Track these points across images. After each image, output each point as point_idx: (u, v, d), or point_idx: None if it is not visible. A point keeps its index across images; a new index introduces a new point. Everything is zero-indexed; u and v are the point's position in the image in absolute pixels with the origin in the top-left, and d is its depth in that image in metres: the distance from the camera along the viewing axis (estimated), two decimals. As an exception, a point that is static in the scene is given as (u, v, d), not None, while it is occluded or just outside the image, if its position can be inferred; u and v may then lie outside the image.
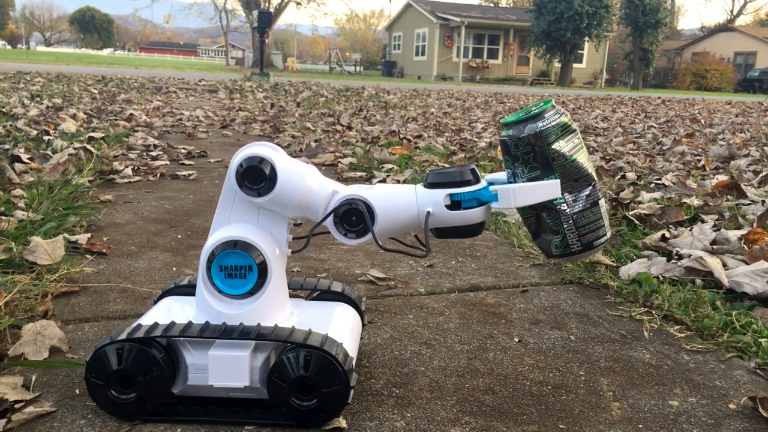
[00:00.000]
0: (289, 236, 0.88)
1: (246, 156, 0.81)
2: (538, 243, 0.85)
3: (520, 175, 0.81)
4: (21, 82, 7.81)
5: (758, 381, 1.01)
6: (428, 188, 0.84)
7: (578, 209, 0.81)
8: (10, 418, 0.81)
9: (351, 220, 0.83)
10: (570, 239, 0.81)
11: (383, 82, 17.82)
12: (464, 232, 0.84)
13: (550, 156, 0.78)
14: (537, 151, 0.78)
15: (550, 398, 0.93)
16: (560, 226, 0.81)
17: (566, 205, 0.80)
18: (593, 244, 0.82)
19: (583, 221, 0.81)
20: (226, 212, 0.86)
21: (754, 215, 1.87)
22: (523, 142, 0.79)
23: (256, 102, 7.02)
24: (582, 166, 0.80)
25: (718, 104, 11.32)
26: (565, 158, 0.79)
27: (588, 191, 0.81)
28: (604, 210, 0.83)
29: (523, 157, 0.80)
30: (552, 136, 0.78)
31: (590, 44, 25.88)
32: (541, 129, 0.78)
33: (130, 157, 2.95)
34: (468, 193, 0.82)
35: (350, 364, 0.81)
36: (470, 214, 0.83)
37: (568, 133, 0.79)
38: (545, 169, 0.79)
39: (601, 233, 0.83)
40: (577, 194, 0.80)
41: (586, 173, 0.80)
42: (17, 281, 1.22)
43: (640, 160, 3.24)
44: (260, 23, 14.00)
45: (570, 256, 0.83)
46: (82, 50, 54.62)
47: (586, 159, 0.81)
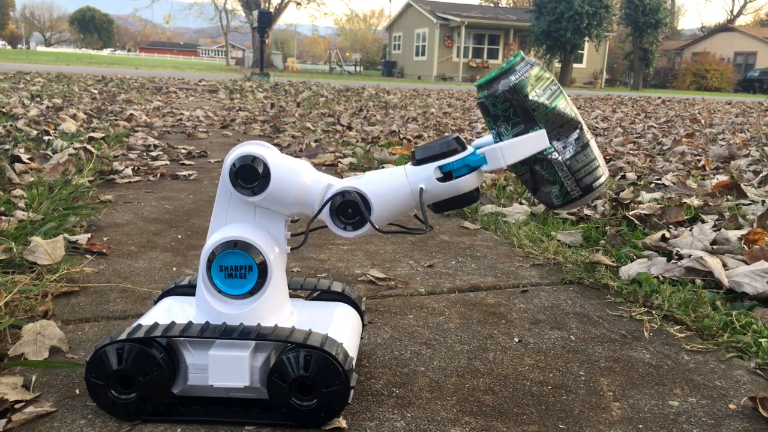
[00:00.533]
0: (287, 233, 0.88)
1: (238, 155, 0.81)
2: (538, 197, 0.84)
3: (505, 134, 0.80)
4: (21, 82, 7.81)
5: (758, 381, 1.01)
6: (417, 165, 0.83)
7: (570, 155, 0.80)
8: (10, 418, 0.81)
9: (347, 212, 0.83)
10: (568, 186, 0.80)
11: (383, 82, 17.82)
12: (461, 202, 0.84)
13: (530, 107, 0.77)
14: (516, 105, 0.77)
15: (550, 398, 0.93)
16: (556, 176, 0.80)
17: (557, 153, 0.79)
18: (592, 186, 0.81)
19: (577, 166, 0.80)
20: (223, 213, 0.86)
21: (754, 215, 1.87)
22: (500, 100, 0.78)
23: (256, 102, 7.02)
24: (564, 112, 0.79)
25: (718, 104, 11.32)
26: (546, 107, 0.78)
27: (576, 135, 0.80)
28: (597, 150, 0.82)
29: (504, 115, 0.79)
30: (527, 88, 0.77)
31: (590, 44, 25.88)
32: (515, 83, 0.77)
33: (130, 157, 2.95)
34: (457, 162, 0.82)
35: (350, 364, 0.81)
36: (463, 182, 0.82)
37: (543, 81, 0.78)
38: (528, 122, 0.78)
39: (598, 174, 0.82)
40: (565, 140, 0.79)
41: (570, 117, 0.79)
42: (17, 281, 1.22)
43: (640, 160, 3.24)
44: (260, 23, 14.00)
45: (572, 202, 0.81)
46: (82, 50, 54.63)
47: (568, 103, 0.80)
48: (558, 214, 1.98)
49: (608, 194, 2.21)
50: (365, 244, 1.73)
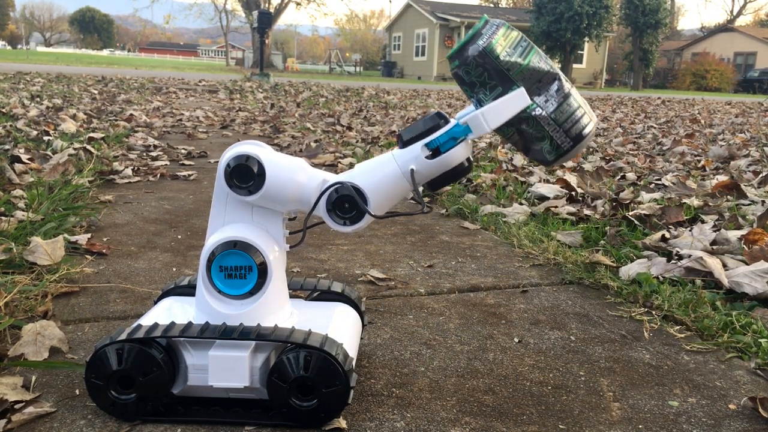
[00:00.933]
0: (285, 231, 0.88)
1: (233, 155, 0.81)
2: (531, 156, 0.83)
3: (485, 99, 0.79)
4: (21, 82, 7.81)
5: (758, 381, 1.01)
6: (404, 147, 0.83)
7: (553, 108, 0.79)
8: (10, 419, 0.80)
9: (344, 207, 0.83)
10: (558, 139, 0.80)
11: (383, 82, 17.82)
12: (454, 175, 0.83)
13: (504, 68, 0.77)
14: (489, 68, 0.77)
15: (550, 398, 0.93)
16: (544, 131, 0.79)
17: (540, 109, 0.79)
18: (582, 134, 0.80)
19: (562, 117, 0.79)
20: (221, 214, 0.86)
21: (754, 215, 1.87)
22: (472, 66, 0.77)
23: (256, 102, 7.02)
24: (539, 66, 0.78)
25: (718, 104, 11.32)
26: (519, 64, 0.77)
27: (556, 87, 0.79)
28: (580, 99, 0.81)
29: (479, 81, 0.78)
30: (497, 49, 0.77)
31: (590, 45, 25.87)
32: (484, 46, 0.77)
33: (130, 157, 2.95)
34: (442, 136, 0.81)
35: (350, 365, 0.81)
36: (452, 155, 0.81)
37: (512, 40, 0.78)
38: (505, 83, 0.77)
39: (585, 121, 0.81)
40: (546, 94, 0.79)
41: (546, 70, 0.79)
42: (17, 281, 1.22)
43: (640, 161, 3.24)
44: (260, 23, 14.00)
45: (565, 154, 0.81)
46: (82, 51, 54.63)
47: (541, 58, 0.79)
48: (558, 213, 1.98)
49: (608, 194, 2.21)
50: (365, 244, 1.73)
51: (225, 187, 0.83)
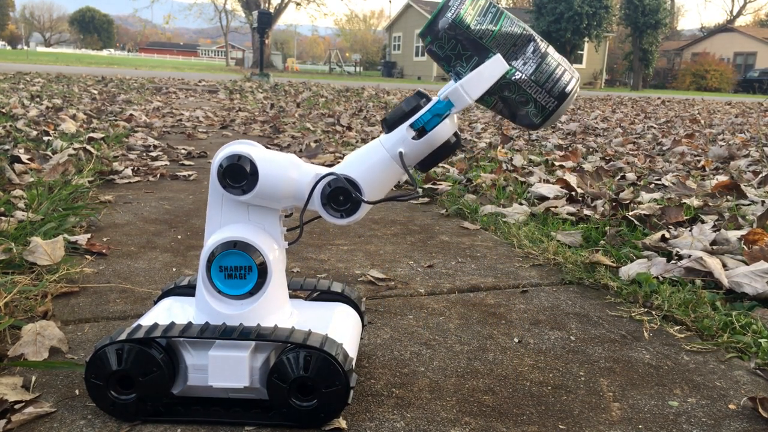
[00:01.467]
0: (283, 229, 0.88)
1: (224, 156, 0.82)
2: (518, 122, 0.83)
3: (462, 71, 0.79)
4: (21, 82, 7.81)
5: (758, 381, 1.01)
6: (389, 132, 0.83)
7: (532, 69, 0.79)
8: (10, 419, 0.80)
9: (338, 199, 0.82)
10: (542, 100, 0.80)
11: (383, 82, 17.82)
12: (444, 152, 0.83)
13: (476, 37, 0.77)
14: (461, 39, 0.77)
15: (550, 399, 0.93)
16: (526, 94, 0.79)
17: (519, 72, 0.78)
18: (565, 91, 0.80)
19: (543, 77, 0.79)
20: (217, 215, 0.86)
21: (753, 215, 1.87)
22: (444, 40, 0.77)
23: (256, 102, 7.02)
24: (512, 30, 0.78)
25: (717, 105, 11.32)
26: (491, 31, 0.77)
27: (532, 48, 0.79)
28: (558, 56, 0.80)
29: (454, 54, 0.78)
30: (467, 19, 0.77)
31: (590, 45, 25.88)
32: (453, 18, 0.76)
33: (130, 157, 2.95)
34: (425, 114, 0.81)
35: (350, 365, 0.81)
36: (438, 133, 0.81)
37: (480, 7, 0.77)
38: (480, 52, 0.77)
39: (567, 78, 0.80)
40: (523, 57, 0.78)
41: (520, 33, 0.78)
42: (17, 282, 1.22)
43: (639, 161, 3.24)
44: (260, 24, 14.00)
45: (552, 114, 0.80)
46: (82, 51, 54.62)
47: (513, 20, 0.79)
48: (557, 214, 1.98)
49: (608, 194, 2.21)
50: (365, 244, 1.73)
51: (219, 188, 0.83)
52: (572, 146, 3.80)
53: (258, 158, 0.81)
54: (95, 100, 5.91)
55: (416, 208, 2.22)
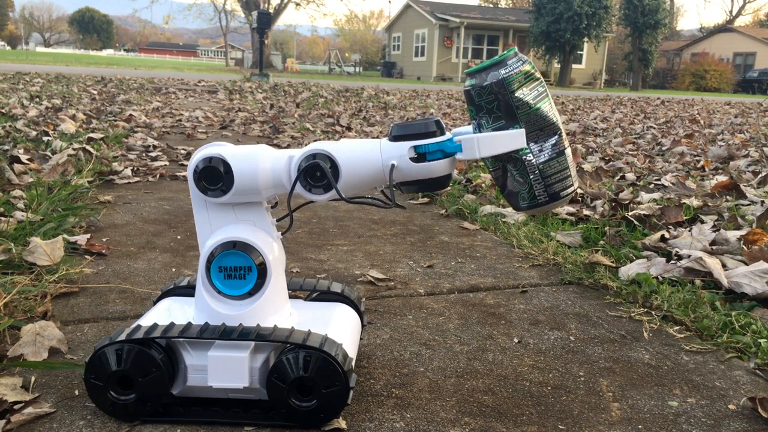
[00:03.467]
0: (272, 220, 0.88)
1: (197, 161, 0.82)
2: (506, 197, 0.84)
3: (485, 126, 0.79)
4: (20, 82, 7.81)
5: (758, 381, 1.01)
6: (393, 141, 0.82)
7: (544, 159, 0.79)
8: (10, 419, 0.80)
9: (315, 175, 0.81)
10: (537, 190, 0.80)
11: (383, 82, 17.82)
12: (430, 185, 0.83)
13: (514, 104, 0.77)
14: (500, 99, 0.77)
15: (550, 399, 0.93)
16: (527, 177, 0.80)
17: (532, 155, 0.79)
18: (560, 194, 0.81)
19: (549, 171, 0.79)
20: (206, 222, 0.86)
21: (753, 216, 1.87)
22: (486, 91, 0.77)
23: (255, 103, 7.02)
24: (547, 115, 0.79)
25: (717, 105, 11.33)
26: (530, 106, 0.77)
27: (554, 140, 0.79)
28: (570, 160, 0.81)
29: (487, 107, 0.78)
30: (515, 84, 0.77)
31: (589, 45, 25.88)
32: (504, 76, 0.77)
33: (130, 157, 2.95)
34: (432, 145, 0.81)
35: (350, 365, 0.81)
36: (435, 166, 0.81)
37: (532, 80, 0.78)
38: (510, 119, 0.78)
39: (568, 183, 0.81)
40: (542, 144, 0.79)
41: (552, 122, 0.79)
42: (17, 282, 1.22)
43: (639, 161, 3.24)
44: (260, 24, 13.99)
45: (537, 207, 0.81)
46: (81, 51, 54.61)
47: (552, 107, 0.80)
48: (557, 214, 1.98)
49: (608, 195, 2.21)
50: (365, 244, 1.73)
51: (200, 194, 0.84)
52: (572, 146, 3.80)
53: (229, 156, 0.81)
54: (95, 101, 5.91)
55: (416, 208, 2.23)
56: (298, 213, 2.07)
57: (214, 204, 0.85)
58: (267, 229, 0.86)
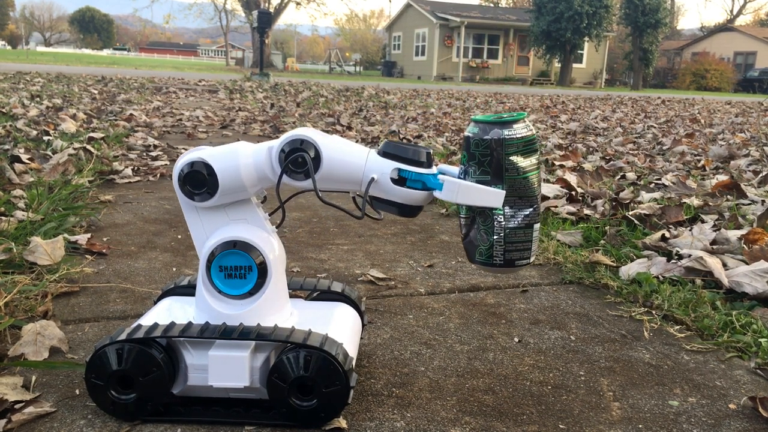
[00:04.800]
0: (265, 215, 0.88)
1: (179, 169, 0.82)
2: (465, 245, 0.85)
3: (471, 174, 0.81)
4: (21, 82, 7.81)
5: (758, 381, 1.01)
6: (381, 156, 0.83)
7: (513, 225, 0.81)
8: (10, 419, 0.81)
9: (297, 161, 0.81)
10: (495, 251, 0.82)
11: (383, 82, 17.82)
12: (401, 210, 0.84)
13: (505, 166, 0.79)
14: (494, 156, 0.79)
15: (550, 398, 0.93)
16: (490, 236, 0.81)
17: (503, 218, 0.81)
18: (515, 262, 0.82)
19: (513, 238, 0.81)
20: (199, 227, 0.86)
21: (754, 215, 1.87)
22: (484, 144, 0.79)
23: (256, 102, 7.02)
24: (531, 186, 0.81)
25: (718, 104, 11.32)
26: (518, 173, 0.79)
27: (528, 212, 0.81)
28: (537, 235, 0.83)
29: (480, 159, 0.80)
30: (513, 148, 0.79)
31: (590, 44, 25.87)
32: (506, 137, 0.78)
33: (130, 157, 2.95)
34: (416, 174, 0.81)
35: (350, 365, 0.81)
36: (412, 194, 0.82)
37: (530, 150, 0.80)
38: (496, 177, 0.79)
39: (526, 255, 0.83)
40: (516, 210, 0.81)
41: (533, 194, 0.81)
42: (17, 281, 1.22)
43: (640, 160, 3.24)
44: (260, 23, 13.99)
45: (489, 267, 0.83)
46: (82, 51, 54.62)
47: (538, 181, 0.82)
48: (558, 213, 1.98)
49: (608, 194, 2.21)
50: (365, 244, 1.73)
51: (188, 201, 0.84)
52: (572, 146, 3.80)
53: (210, 157, 0.82)
54: (95, 100, 5.91)
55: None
56: (299, 213, 2.08)
57: (204, 209, 0.85)
58: (261, 225, 0.86)
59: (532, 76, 27.49)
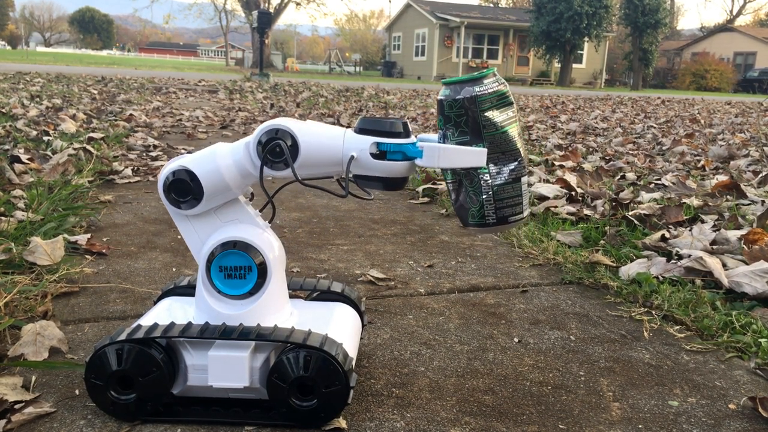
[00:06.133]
0: (255, 211, 0.88)
1: (162, 180, 0.82)
2: (456, 210, 0.85)
3: (450, 138, 0.80)
4: (21, 82, 7.81)
5: (758, 381, 1.01)
6: (357, 133, 0.82)
7: (500, 182, 0.80)
8: (10, 419, 0.80)
9: (275, 151, 0.81)
10: (486, 210, 0.81)
11: (383, 82, 17.82)
12: (385, 184, 0.83)
13: (482, 123, 0.78)
14: (470, 115, 0.78)
15: (550, 398, 0.93)
16: (479, 196, 0.80)
17: (489, 176, 0.80)
18: (508, 219, 0.81)
19: (502, 195, 0.80)
20: (192, 234, 0.86)
21: (753, 215, 1.87)
22: (457, 104, 0.78)
23: (255, 102, 7.02)
24: (512, 140, 0.79)
25: (717, 104, 11.32)
26: (496, 128, 0.78)
27: (513, 166, 0.80)
28: (526, 188, 0.82)
29: (456, 120, 0.79)
30: (486, 103, 0.77)
31: (590, 44, 25.87)
32: (477, 93, 0.77)
33: (130, 157, 2.95)
34: (395, 145, 0.81)
35: (350, 365, 0.81)
36: (394, 166, 0.81)
37: (504, 104, 0.79)
38: (475, 136, 0.78)
39: (518, 210, 0.82)
40: (501, 167, 0.80)
41: (515, 147, 0.80)
42: (17, 282, 1.22)
43: (639, 160, 3.24)
44: (260, 23, 13.99)
45: (484, 227, 0.82)
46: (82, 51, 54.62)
47: (518, 134, 0.81)
48: (557, 213, 1.98)
49: (608, 194, 2.21)
50: (365, 244, 1.73)
51: (177, 210, 0.84)
52: (572, 146, 3.80)
53: (190, 164, 0.82)
54: (95, 100, 5.91)
55: (416, 208, 2.23)
56: (299, 213, 2.07)
57: (194, 216, 0.85)
58: (254, 223, 0.87)
59: (531, 76, 27.49)
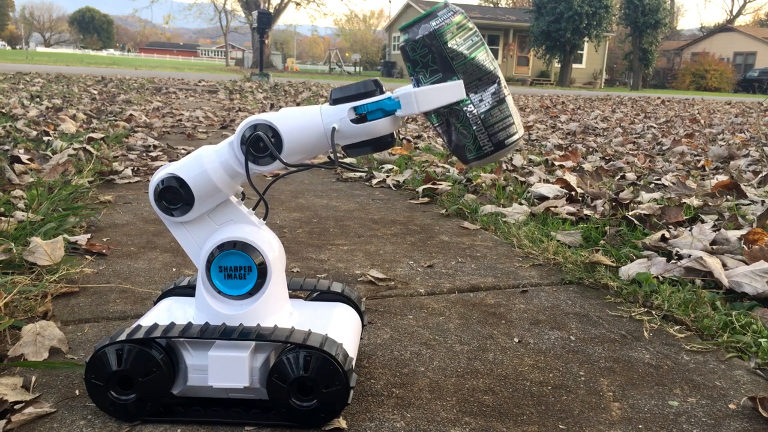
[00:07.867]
0: (248, 210, 0.88)
1: (153, 189, 0.83)
2: (453, 151, 0.83)
3: (423, 81, 0.79)
4: (21, 82, 7.81)
5: (758, 381, 1.01)
6: (333, 105, 0.82)
7: (485, 108, 0.79)
8: (10, 419, 0.80)
9: (259, 146, 0.81)
10: (481, 140, 0.80)
11: (383, 82, 17.80)
12: (374, 145, 0.83)
13: (449, 56, 0.77)
14: (434, 52, 0.77)
15: (550, 398, 0.93)
16: (470, 129, 0.79)
17: (473, 106, 0.79)
18: (504, 142, 0.80)
19: (491, 120, 0.79)
20: (188, 239, 0.86)
21: (753, 215, 1.87)
22: (419, 45, 0.77)
23: (255, 102, 7.02)
24: (483, 64, 0.78)
25: (717, 104, 11.32)
26: (465, 56, 0.77)
27: (493, 89, 0.79)
28: (513, 107, 0.81)
29: (422, 61, 0.78)
30: (447, 35, 0.76)
31: (590, 44, 25.88)
32: (435, 28, 0.76)
33: (130, 157, 2.95)
34: (371, 104, 0.81)
35: (350, 365, 0.81)
36: (377, 125, 0.81)
37: (465, 30, 0.77)
38: (446, 71, 0.77)
39: (512, 131, 0.81)
40: (482, 93, 0.79)
41: (489, 71, 0.79)
42: (17, 282, 1.22)
43: (639, 161, 3.24)
44: (260, 24, 13.99)
45: (484, 157, 0.81)
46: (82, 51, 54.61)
47: (488, 56, 0.79)
48: (557, 214, 1.98)
49: (608, 194, 2.21)
50: (365, 244, 1.73)
51: (170, 218, 0.84)
52: (572, 146, 3.80)
53: (177, 170, 0.82)
54: (95, 100, 5.91)
55: (416, 208, 2.23)
56: (299, 213, 2.07)
57: (189, 222, 0.85)
58: (248, 222, 0.87)
59: (531, 76, 27.49)
